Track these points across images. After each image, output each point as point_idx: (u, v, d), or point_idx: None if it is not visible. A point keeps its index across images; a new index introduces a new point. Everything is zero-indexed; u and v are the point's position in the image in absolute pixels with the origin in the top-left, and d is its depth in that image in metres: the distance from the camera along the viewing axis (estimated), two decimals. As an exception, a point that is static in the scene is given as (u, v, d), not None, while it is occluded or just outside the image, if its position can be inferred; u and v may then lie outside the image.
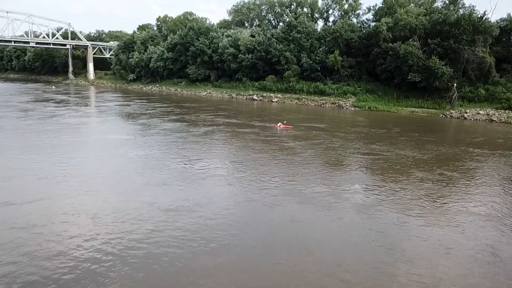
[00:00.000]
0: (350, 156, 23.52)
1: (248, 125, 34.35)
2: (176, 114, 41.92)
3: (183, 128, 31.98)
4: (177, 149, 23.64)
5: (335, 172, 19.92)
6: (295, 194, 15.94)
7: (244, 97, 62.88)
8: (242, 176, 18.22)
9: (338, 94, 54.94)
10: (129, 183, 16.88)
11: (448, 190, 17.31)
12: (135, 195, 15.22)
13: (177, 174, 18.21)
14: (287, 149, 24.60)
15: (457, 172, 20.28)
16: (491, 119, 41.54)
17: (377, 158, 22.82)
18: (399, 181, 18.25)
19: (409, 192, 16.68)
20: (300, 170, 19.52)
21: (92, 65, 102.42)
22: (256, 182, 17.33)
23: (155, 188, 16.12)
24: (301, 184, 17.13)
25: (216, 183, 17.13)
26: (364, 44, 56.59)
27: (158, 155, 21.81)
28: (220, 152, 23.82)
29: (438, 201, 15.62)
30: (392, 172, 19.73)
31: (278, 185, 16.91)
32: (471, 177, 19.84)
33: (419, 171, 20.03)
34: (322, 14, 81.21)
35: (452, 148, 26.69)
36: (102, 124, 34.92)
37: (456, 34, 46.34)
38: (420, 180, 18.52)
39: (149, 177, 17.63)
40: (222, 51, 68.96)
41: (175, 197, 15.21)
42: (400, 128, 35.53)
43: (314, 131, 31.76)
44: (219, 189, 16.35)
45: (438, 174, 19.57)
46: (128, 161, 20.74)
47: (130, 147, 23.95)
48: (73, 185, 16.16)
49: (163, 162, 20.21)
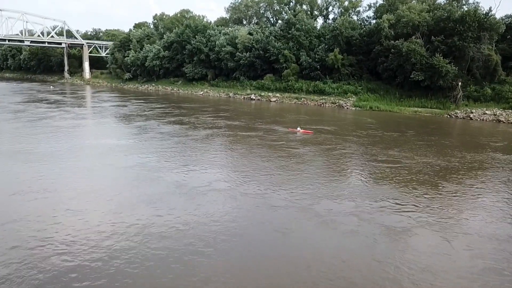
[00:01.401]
0: (367, 164, 21.08)
1: (250, 128, 32.14)
2: (174, 115, 39.88)
3: (182, 132, 29.82)
4: (175, 157, 21.45)
5: (354, 184, 17.56)
6: (311, 214, 13.64)
7: (242, 97, 60.95)
8: (247, 190, 15.93)
9: (338, 93, 52.99)
10: (117, 200, 14.50)
11: (483, 208, 15.21)
12: (123, 216, 12.97)
13: (174, 188, 15.91)
14: (296, 156, 22.41)
15: (487, 184, 18.40)
16: (498, 119, 39.64)
17: (398, 167, 20.49)
18: (429, 195, 16.07)
19: (445, 209, 14.46)
20: (313, 183, 17.23)
21: (87, 64, 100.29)
22: (264, 198, 15.10)
23: (147, 209, 13.71)
24: (316, 201, 14.88)
25: (217, 199, 14.82)
26: (365, 41, 54.64)
27: (154, 164, 19.59)
28: (222, 160, 21.54)
29: (475, 222, 13.68)
30: (419, 185, 17.47)
31: (290, 203, 14.67)
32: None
33: (449, 183, 17.84)
34: (321, 11, 79.18)
35: (476, 154, 24.50)
36: (95, 127, 32.84)
37: (461, 31, 44.44)
38: (453, 193, 16.43)
39: (142, 192, 15.32)
40: (219, 50, 66.91)
41: (170, 219, 12.90)
42: (414, 130, 33.27)
43: (323, 135, 29.50)
44: (221, 209, 13.91)
45: (469, 186, 17.68)
46: (119, 172, 18.49)
47: (123, 154, 21.70)
48: (49, 203, 13.92)
49: (158, 174, 17.94)
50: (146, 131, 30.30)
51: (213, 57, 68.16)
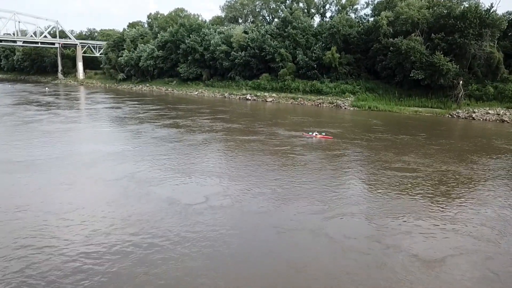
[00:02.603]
0: (381, 173, 19.33)
1: (250, 132, 30.68)
2: (169, 117, 38.44)
3: (177, 136, 28.36)
4: (168, 166, 19.91)
5: (368, 198, 15.94)
6: (323, 241, 11.99)
7: (237, 97, 59.57)
8: (248, 207, 14.42)
9: (336, 93, 51.57)
10: (98, 225, 12.75)
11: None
12: (103, 247, 11.33)
13: (166, 206, 14.36)
14: (302, 164, 20.87)
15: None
16: (502, 119, 38.25)
17: (416, 176, 18.87)
18: (459, 210, 14.58)
19: (482, 230, 12.91)
20: (322, 198, 15.60)
21: (81, 65, 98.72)
22: (268, 218, 13.57)
23: (132, 236, 12.02)
24: (327, 222, 13.26)
25: (215, 220, 13.18)
26: (363, 39, 53.26)
27: (144, 175, 18.10)
28: (220, 169, 19.76)
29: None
30: (443, 198, 15.94)
31: (297, 224, 13.10)
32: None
33: (478, 195, 16.38)
34: (318, 9, 77.82)
35: (498, 159, 22.97)
36: (84, 132, 31.31)
37: (462, 28, 43.07)
38: (486, 208, 14.91)
39: (128, 213, 13.69)
40: (214, 49, 65.46)
41: (159, 249, 11.28)
42: (426, 133, 31.60)
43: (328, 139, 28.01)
44: (218, 234, 12.21)
45: (503, 198, 16.18)
46: (104, 186, 16.92)
47: (111, 164, 20.24)
48: (13, 227, 12.38)
49: (149, 187, 16.45)
50: (139, 135, 28.95)
51: (208, 57, 66.74)
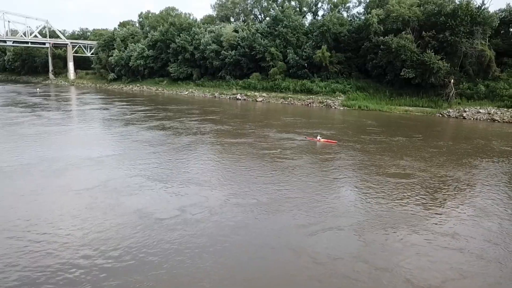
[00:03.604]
0: (375, 180, 17.78)
1: (238, 134, 29.14)
2: (156, 119, 36.69)
3: (161, 139, 26.66)
4: (146, 172, 18.29)
5: (360, 209, 14.39)
6: (309, 259, 10.63)
7: (228, 97, 57.99)
8: (228, 222, 12.86)
9: (326, 92, 50.13)
10: (47, 244, 11.17)
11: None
12: (46, 271, 9.84)
13: (135, 220, 12.76)
14: (291, 170, 19.30)
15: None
16: (493, 118, 37.06)
17: (411, 182, 17.39)
18: (459, 223, 13.16)
19: (480, 248, 11.49)
20: (311, 208, 14.16)
21: (72, 65, 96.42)
22: (251, 236, 12.04)
23: (84, 259, 10.47)
24: (315, 238, 11.85)
25: (187, 240, 11.57)
26: (354, 38, 51.86)
27: (117, 184, 16.53)
28: (201, 176, 18.13)
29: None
30: (441, 208, 14.53)
31: (282, 242, 11.67)
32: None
33: (479, 203, 15.03)
34: (310, 7, 76.29)
35: (498, 163, 21.57)
36: (64, 135, 29.41)
37: (453, 25, 41.79)
38: (492, 218, 13.62)
39: (88, 230, 12.08)
40: (204, 48, 63.83)
41: (112, 276, 9.77)
42: (422, 134, 30.12)
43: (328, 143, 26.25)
44: (188, 257, 10.73)
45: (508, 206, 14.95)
46: (71, 196, 15.22)
47: (84, 171, 18.58)
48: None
49: (119, 197, 14.91)
50: (122, 139, 27.30)
51: (198, 56, 65.07)
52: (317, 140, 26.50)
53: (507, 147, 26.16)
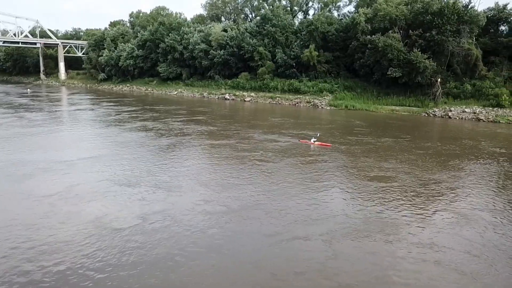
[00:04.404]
0: (355, 183, 16.90)
1: (222, 135, 27.97)
2: (141, 119, 35.40)
3: (141, 141, 25.64)
4: (116, 177, 17.15)
5: (333, 215, 13.56)
6: (269, 276, 9.71)
7: (216, 97, 56.97)
8: (189, 235, 11.82)
9: (314, 92, 49.19)
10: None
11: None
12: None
13: (90, 231, 11.65)
14: (269, 173, 18.27)
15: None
16: (478, 117, 36.31)
17: (392, 186, 16.45)
18: (436, 232, 12.17)
19: (462, 261, 10.58)
20: (282, 214, 13.38)
21: (63, 65, 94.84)
22: (212, 244, 11.18)
23: (18, 279, 9.34)
24: (281, 248, 11.06)
25: (141, 252, 10.67)
26: (342, 37, 50.97)
27: (83, 190, 15.39)
28: (174, 181, 17.03)
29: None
30: (420, 214, 13.55)
31: (244, 250, 10.87)
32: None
33: (463, 211, 13.97)
34: (301, 7, 75.38)
35: (486, 165, 20.66)
36: (39, 137, 27.84)
37: (439, 24, 41.00)
38: (475, 226, 12.73)
39: (38, 242, 11.01)
40: (193, 48, 62.79)
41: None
42: (410, 135, 29.16)
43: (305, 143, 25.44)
44: (136, 275, 9.81)
45: (495, 213, 13.93)
46: (28, 204, 14.04)
47: (50, 176, 17.45)
48: None
49: (79, 205, 13.83)
50: (99, 141, 26.26)
51: (187, 56, 63.96)
52: (311, 143, 25.03)
53: (494, 148, 25.32)
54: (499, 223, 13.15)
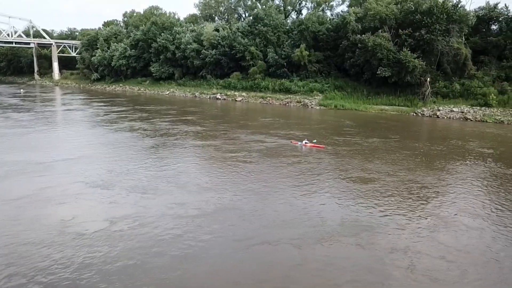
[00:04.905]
0: (333, 185, 16.41)
1: (208, 136, 27.37)
2: (129, 120, 34.82)
3: (125, 141, 25.13)
4: (91, 179, 16.57)
5: (305, 218, 13.19)
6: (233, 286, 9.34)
7: (208, 96, 56.45)
8: (155, 239, 11.37)
9: (305, 91, 48.65)
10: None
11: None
12: None
13: (52, 236, 11.18)
14: (247, 174, 17.87)
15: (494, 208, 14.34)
16: (465, 117, 35.91)
17: (372, 188, 16.03)
18: (410, 239, 11.58)
19: (441, 276, 10.17)
20: (256, 217, 12.99)
21: (57, 65, 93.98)
22: (177, 249, 10.69)
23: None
24: (249, 253, 10.70)
25: (99, 261, 10.16)
26: (333, 37, 50.45)
27: (54, 193, 14.87)
28: (150, 183, 16.42)
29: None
30: (397, 218, 13.11)
31: (208, 254, 10.42)
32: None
33: (443, 215, 13.43)
34: (294, 6, 74.80)
35: (473, 166, 20.21)
36: (20, 138, 26.51)
37: (429, 23, 40.52)
38: (457, 232, 12.18)
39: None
40: (185, 47, 62.20)
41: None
42: (399, 135, 28.63)
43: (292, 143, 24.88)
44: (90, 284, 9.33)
45: (472, 216, 13.46)
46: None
47: (23, 178, 16.80)
48: None
49: (48, 209, 13.30)
50: (83, 141, 25.57)
51: (179, 55, 63.34)
52: (303, 144, 24.26)
53: (480, 148, 24.83)
54: (478, 227, 12.69)
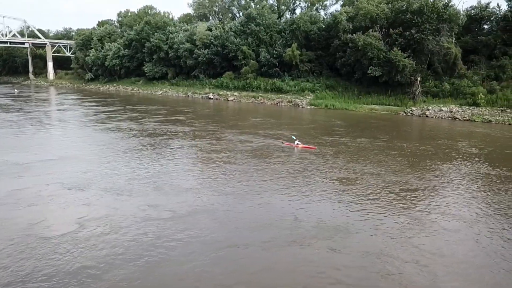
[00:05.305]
0: (312, 187, 15.95)
1: (195, 136, 26.93)
2: (118, 120, 34.42)
3: (108, 142, 24.75)
4: (66, 180, 16.11)
5: (276, 219, 12.88)
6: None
7: (200, 96, 56.06)
8: (121, 245, 10.88)
9: (296, 91, 48.29)
10: None
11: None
12: None
13: (18, 240, 10.80)
14: (233, 175, 17.40)
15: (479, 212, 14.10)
16: (454, 116, 35.63)
17: (353, 189, 15.66)
18: (383, 244, 11.29)
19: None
20: (227, 220, 12.61)
21: (51, 65, 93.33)
22: (151, 265, 10.31)
23: None
24: (218, 258, 10.34)
25: (58, 269, 9.80)
26: (324, 36, 50.09)
27: (25, 195, 14.39)
28: (127, 184, 15.95)
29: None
30: (371, 221, 12.78)
31: (187, 267, 9.99)
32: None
33: (422, 220, 13.01)
34: (288, 6, 74.32)
35: (460, 166, 19.84)
36: (5, 139, 26.72)
37: (419, 23, 40.22)
38: (436, 237, 11.86)
39: None
40: (177, 47, 61.75)
41: None
42: (388, 135, 28.16)
43: (278, 143, 24.48)
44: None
45: (454, 218, 13.08)
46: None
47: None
48: None
49: (16, 212, 12.91)
50: (66, 141, 25.09)
51: (172, 55, 62.89)
52: (295, 145, 23.59)
53: (468, 148, 24.41)
54: (455, 230, 12.35)
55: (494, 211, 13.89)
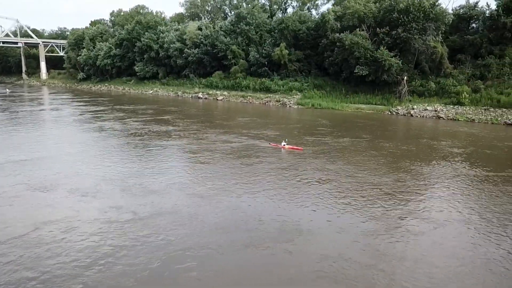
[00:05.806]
0: (292, 187, 15.89)
1: (178, 136, 26.71)
2: (103, 119, 34.35)
3: (88, 141, 24.77)
4: (39, 181, 15.79)
5: (248, 229, 12.58)
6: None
7: (190, 96, 55.64)
8: (78, 247, 10.67)
9: (284, 90, 47.97)
10: None
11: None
12: None
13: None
14: (206, 176, 17.13)
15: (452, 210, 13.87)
16: (438, 115, 35.38)
17: (328, 190, 15.52)
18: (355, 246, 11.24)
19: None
20: (202, 223, 12.31)
21: (44, 64, 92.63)
22: (109, 269, 10.01)
23: None
24: (196, 258, 10.04)
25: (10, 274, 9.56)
26: (313, 35, 49.77)
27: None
28: (99, 186, 15.58)
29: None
30: (341, 223, 12.62)
31: (146, 273, 9.75)
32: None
33: (396, 223, 12.96)
34: (280, 5, 73.87)
35: (439, 166, 19.69)
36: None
37: (405, 22, 39.92)
38: (411, 239, 11.68)
39: None
40: (168, 46, 61.27)
41: None
42: (372, 134, 27.79)
43: (263, 143, 24.10)
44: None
45: (426, 220, 12.87)
46: None
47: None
48: None
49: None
50: (43, 141, 24.87)
51: (163, 55, 62.40)
52: (282, 146, 23.17)
53: (450, 148, 24.06)
54: (425, 232, 12.01)
55: (467, 215, 13.50)
